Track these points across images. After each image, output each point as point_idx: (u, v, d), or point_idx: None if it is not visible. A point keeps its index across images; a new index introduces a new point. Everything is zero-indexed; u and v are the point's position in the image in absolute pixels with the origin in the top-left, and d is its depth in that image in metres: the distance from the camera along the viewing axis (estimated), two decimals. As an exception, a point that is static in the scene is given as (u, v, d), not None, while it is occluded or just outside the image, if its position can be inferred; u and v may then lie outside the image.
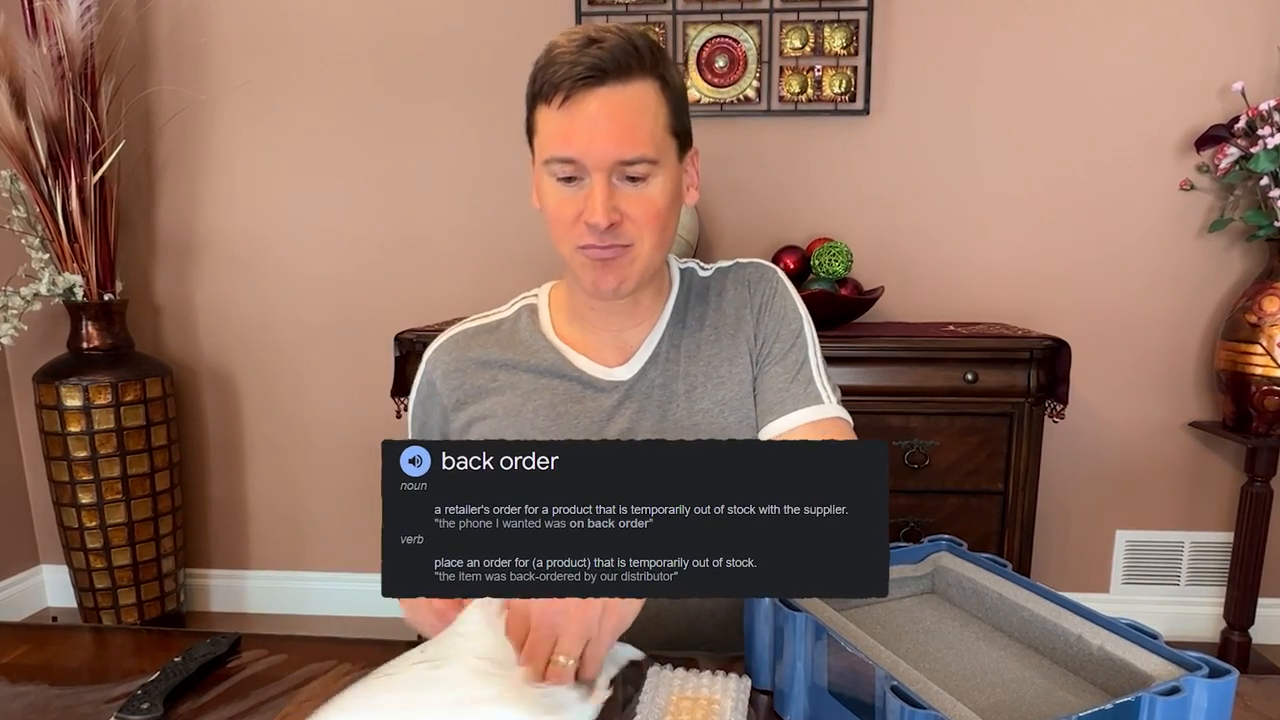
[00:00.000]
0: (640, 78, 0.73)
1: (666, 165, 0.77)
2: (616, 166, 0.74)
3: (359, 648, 0.74)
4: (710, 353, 0.87)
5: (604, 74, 0.71)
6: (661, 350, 0.87)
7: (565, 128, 0.73)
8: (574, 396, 0.85)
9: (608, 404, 0.85)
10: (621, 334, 0.87)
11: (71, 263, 1.95)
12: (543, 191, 0.79)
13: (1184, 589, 2.13)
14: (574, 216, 0.76)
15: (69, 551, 2.03)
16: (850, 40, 1.95)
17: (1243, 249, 1.97)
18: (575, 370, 0.86)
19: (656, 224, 0.77)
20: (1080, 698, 0.56)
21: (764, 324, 0.87)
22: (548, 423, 0.84)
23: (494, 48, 2.05)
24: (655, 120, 0.75)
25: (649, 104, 0.74)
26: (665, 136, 0.76)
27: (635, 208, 0.76)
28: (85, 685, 0.67)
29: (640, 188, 0.76)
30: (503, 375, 0.87)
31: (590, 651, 0.54)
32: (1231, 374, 1.85)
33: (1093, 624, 0.58)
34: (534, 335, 0.89)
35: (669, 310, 0.89)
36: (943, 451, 1.73)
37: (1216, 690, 0.49)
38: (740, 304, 0.88)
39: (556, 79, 0.72)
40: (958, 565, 0.71)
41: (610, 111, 0.72)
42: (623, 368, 0.86)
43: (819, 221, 2.07)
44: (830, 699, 0.57)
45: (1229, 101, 1.89)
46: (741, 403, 0.86)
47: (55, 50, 1.84)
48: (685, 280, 0.92)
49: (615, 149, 0.72)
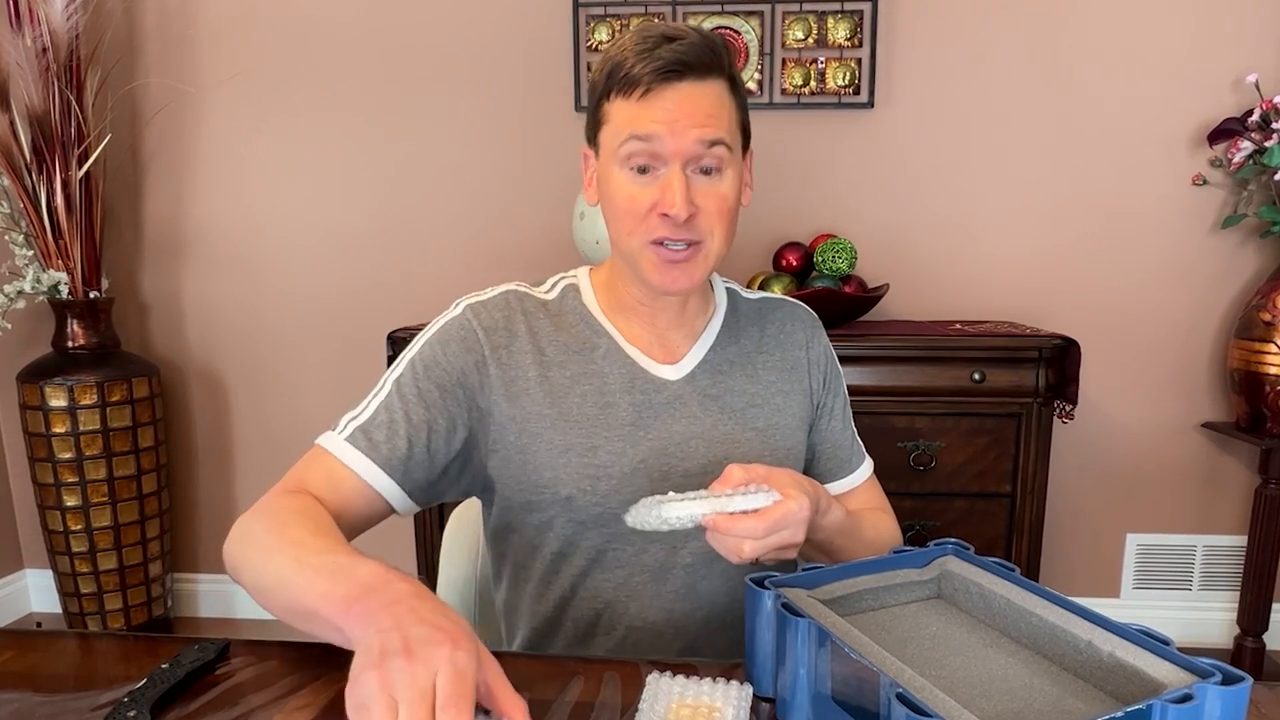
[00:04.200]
0: (717, 76, 0.76)
1: (736, 158, 0.79)
2: (694, 154, 0.75)
3: (350, 655, 0.71)
4: (769, 379, 0.90)
5: (686, 68, 0.74)
6: (714, 360, 0.88)
7: (646, 113, 0.75)
8: (624, 386, 0.84)
9: (657, 400, 0.85)
10: (667, 333, 0.88)
11: (56, 260, 1.95)
12: (611, 183, 0.79)
13: (1196, 594, 2.14)
14: (647, 208, 0.77)
15: (54, 555, 2.03)
16: (854, 31, 1.95)
17: (1257, 245, 1.96)
18: (627, 359, 0.86)
19: (728, 218, 0.79)
20: (1090, 705, 0.55)
21: (827, 374, 0.95)
22: (596, 410, 0.83)
23: (489, 40, 2.04)
24: (730, 115, 0.78)
25: (724, 99, 0.77)
26: (736, 131, 0.79)
27: (709, 201, 0.77)
28: (70, 692, 0.67)
29: (714, 181, 0.77)
30: (553, 350, 0.85)
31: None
32: (1245, 374, 1.84)
33: (1103, 630, 0.58)
34: (584, 318, 0.87)
35: (719, 321, 0.91)
36: (949, 453, 1.73)
37: (1230, 698, 0.48)
38: (798, 345, 0.93)
39: (636, 73, 0.74)
40: (964, 570, 0.70)
41: (692, 103, 0.75)
42: (672, 367, 0.87)
43: (822, 217, 2.08)
44: (834, 707, 0.57)
45: (1243, 94, 1.89)
46: (793, 433, 0.90)
47: (39, 42, 1.83)
48: (731, 298, 0.94)
49: (699, 130, 0.74)
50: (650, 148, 0.75)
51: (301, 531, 0.68)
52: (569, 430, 0.82)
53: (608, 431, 0.82)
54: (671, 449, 0.84)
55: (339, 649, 0.68)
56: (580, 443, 0.82)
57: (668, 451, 0.84)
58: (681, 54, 0.74)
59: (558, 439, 0.81)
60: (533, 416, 0.82)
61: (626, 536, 0.81)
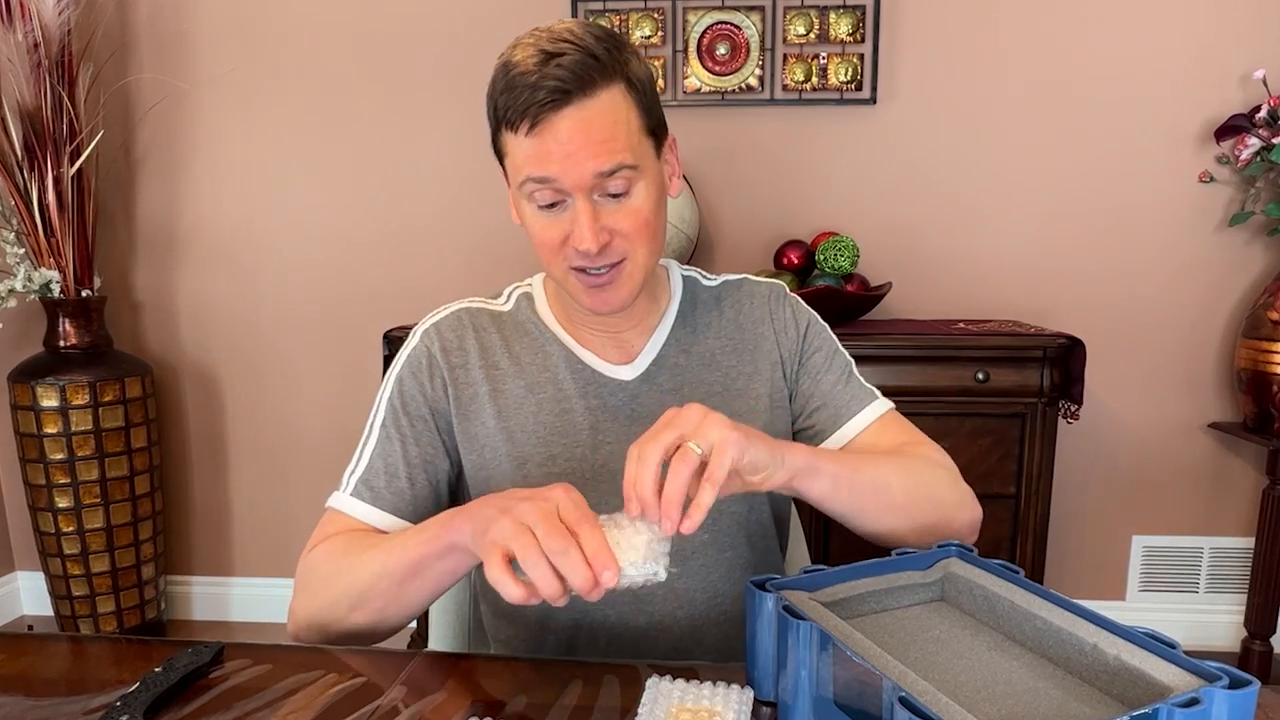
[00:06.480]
0: (605, 86, 0.72)
1: (647, 168, 0.76)
2: (597, 182, 0.73)
3: (347, 658, 0.74)
4: (728, 364, 0.89)
5: (568, 94, 0.70)
6: (669, 354, 0.88)
7: (538, 151, 0.72)
8: (579, 391, 0.85)
9: (613, 403, 0.86)
10: (620, 335, 0.88)
11: (48, 258, 1.95)
12: (524, 216, 0.79)
13: (1203, 596, 2.15)
14: (560, 240, 0.76)
15: (45, 558, 2.04)
16: (857, 26, 1.95)
17: (1264, 243, 1.96)
18: (581, 364, 0.87)
19: (647, 233, 0.77)
20: (1096, 709, 0.55)
21: (801, 336, 0.92)
22: (552, 418, 0.84)
23: (484, 37, 2.04)
24: (628, 125, 0.74)
25: (619, 111, 0.73)
26: (641, 139, 0.75)
27: (623, 222, 0.76)
28: (63, 696, 0.67)
29: (624, 201, 0.75)
30: (505, 363, 0.87)
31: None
32: (1253, 373, 1.84)
33: (1108, 633, 0.58)
34: (537, 327, 0.89)
35: (673, 314, 0.90)
36: (952, 453, 1.74)
37: (1237, 701, 0.48)
38: (759, 321, 0.91)
39: (520, 105, 0.71)
40: (968, 572, 0.70)
41: (583, 129, 0.71)
42: (628, 367, 0.87)
43: (824, 215, 2.08)
44: (836, 711, 0.57)
45: (1250, 90, 1.89)
46: (761, 415, 0.88)
47: (31, 37, 1.84)
48: (688, 287, 0.93)
49: (594, 163, 0.72)
50: (550, 186, 0.73)
51: (364, 544, 0.76)
52: (525, 443, 0.83)
53: (565, 439, 0.84)
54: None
55: (335, 653, 0.74)
56: (537, 453, 0.83)
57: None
58: (562, 78, 0.70)
59: (514, 452, 0.83)
60: (487, 432, 0.84)
61: None
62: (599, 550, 0.58)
